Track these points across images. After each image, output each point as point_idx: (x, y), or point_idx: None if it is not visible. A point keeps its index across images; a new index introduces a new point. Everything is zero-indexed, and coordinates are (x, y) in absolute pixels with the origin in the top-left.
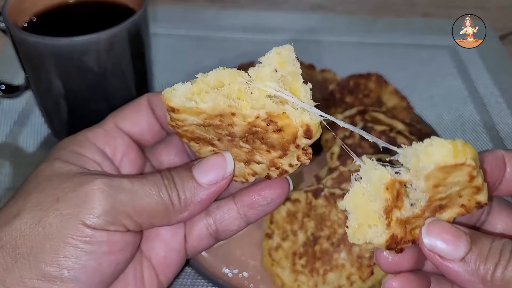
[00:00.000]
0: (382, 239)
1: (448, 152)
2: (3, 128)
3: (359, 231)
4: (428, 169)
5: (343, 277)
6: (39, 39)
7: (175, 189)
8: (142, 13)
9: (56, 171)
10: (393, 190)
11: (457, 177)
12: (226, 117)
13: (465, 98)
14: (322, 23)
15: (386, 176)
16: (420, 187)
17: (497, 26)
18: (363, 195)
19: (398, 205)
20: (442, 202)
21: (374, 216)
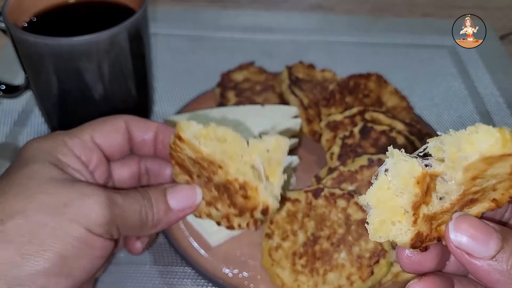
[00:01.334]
0: (407, 237)
1: (496, 141)
2: (3, 128)
3: (382, 228)
4: (471, 159)
5: (343, 277)
6: (39, 39)
7: (151, 210)
8: (142, 13)
9: (54, 176)
10: (424, 184)
11: (498, 168)
12: (213, 165)
13: (465, 98)
14: (321, 23)
15: (417, 169)
16: (458, 179)
17: (497, 26)
18: (389, 189)
19: (426, 200)
20: (475, 196)
21: (399, 212)
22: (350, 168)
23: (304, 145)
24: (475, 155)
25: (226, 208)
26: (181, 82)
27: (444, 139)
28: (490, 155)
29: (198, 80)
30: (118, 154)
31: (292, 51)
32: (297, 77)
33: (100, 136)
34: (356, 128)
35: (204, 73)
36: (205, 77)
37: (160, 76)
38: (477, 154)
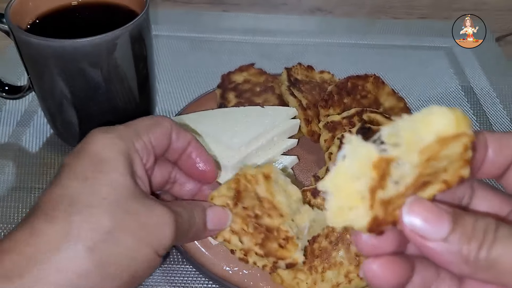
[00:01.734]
0: (364, 221)
1: (450, 122)
2: (6, 129)
3: (340, 213)
4: (427, 141)
5: (341, 274)
6: (42, 41)
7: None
8: (144, 16)
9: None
10: (380, 169)
11: (452, 149)
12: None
13: (462, 98)
14: (320, 25)
15: (374, 153)
16: (414, 162)
17: (493, 28)
18: (346, 175)
19: (382, 185)
20: (428, 178)
21: (356, 198)
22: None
23: (303, 145)
24: (431, 136)
25: (251, 245)
26: (182, 83)
27: (399, 123)
28: (445, 136)
29: (199, 81)
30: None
31: (291, 53)
32: (296, 79)
33: (155, 139)
34: (354, 128)
35: (205, 75)
36: (205, 78)
37: (161, 77)
38: (433, 135)
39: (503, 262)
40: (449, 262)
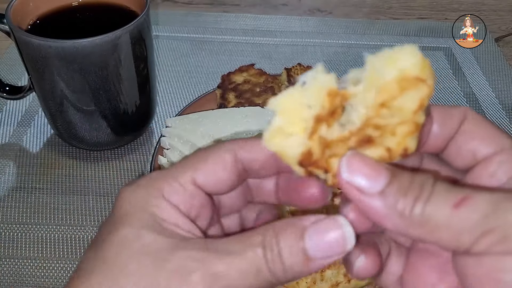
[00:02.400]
0: (297, 151)
1: (416, 62)
2: (7, 129)
3: (277, 136)
4: (389, 76)
5: (340, 274)
6: (43, 41)
7: (280, 263)
8: (144, 16)
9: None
10: (333, 100)
11: (407, 100)
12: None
13: (461, 99)
14: (319, 26)
15: (332, 83)
16: (369, 101)
17: (492, 28)
18: (298, 100)
19: (329, 121)
20: (374, 133)
21: (299, 125)
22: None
23: None
24: (393, 72)
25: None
26: (182, 84)
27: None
28: (407, 76)
29: (199, 82)
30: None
31: (291, 54)
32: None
33: (202, 175)
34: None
35: (205, 75)
36: (206, 78)
37: (161, 77)
38: (395, 71)
39: (437, 218)
40: (384, 216)
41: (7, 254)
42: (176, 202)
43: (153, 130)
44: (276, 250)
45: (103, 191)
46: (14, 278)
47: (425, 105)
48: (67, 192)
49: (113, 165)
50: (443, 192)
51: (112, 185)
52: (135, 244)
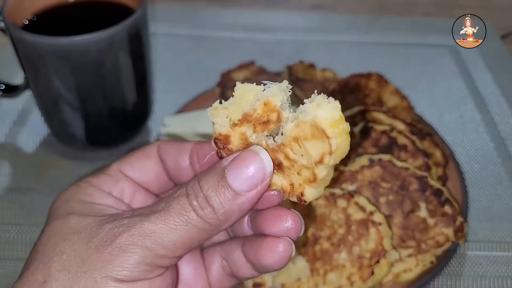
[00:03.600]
0: (220, 129)
1: (331, 118)
2: (2, 128)
3: (220, 111)
4: (306, 117)
5: (343, 277)
6: (39, 39)
7: (209, 206)
8: (141, 13)
9: (73, 227)
10: (268, 113)
11: (314, 148)
12: None
13: (466, 97)
14: (322, 22)
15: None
16: (287, 129)
17: (498, 25)
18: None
19: (257, 127)
20: (285, 162)
21: (237, 112)
22: (350, 168)
23: None
24: (311, 115)
25: None
26: (181, 82)
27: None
28: (317, 124)
29: (198, 80)
30: (156, 185)
31: (292, 51)
32: (298, 77)
33: (128, 166)
34: (356, 128)
35: (204, 73)
36: (205, 76)
37: (159, 75)
38: (312, 116)
39: None
40: None
41: (2, 256)
42: (107, 189)
43: (150, 129)
44: (201, 195)
45: None
46: (9, 280)
47: (327, 163)
48: None
49: None
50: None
51: None
52: (63, 228)
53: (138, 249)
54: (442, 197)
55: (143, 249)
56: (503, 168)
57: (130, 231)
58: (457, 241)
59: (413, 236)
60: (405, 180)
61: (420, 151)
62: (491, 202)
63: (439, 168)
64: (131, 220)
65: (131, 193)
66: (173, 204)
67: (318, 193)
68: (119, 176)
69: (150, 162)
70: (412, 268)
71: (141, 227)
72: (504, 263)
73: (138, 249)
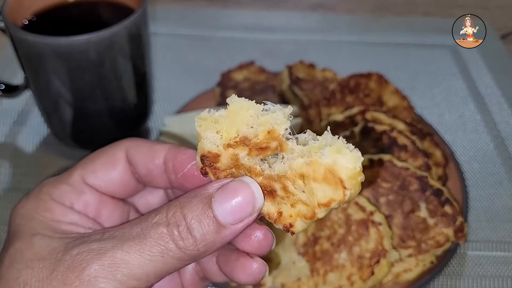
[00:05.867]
0: (211, 147)
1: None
2: (2, 128)
3: (209, 123)
4: (325, 159)
5: (343, 277)
6: (39, 39)
7: (191, 237)
8: (141, 13)
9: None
10: (269, 140)
11: (321, 191)
12: None
13: (466, 97)
14: (322, 22)
15: (283, 125)
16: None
17: (498, 25)
18: (251, 116)
19: (252, 152)
20: (280, 192)
21: (231, 131)
22: None
23: None
24: (329, 160)
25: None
26: (181, 82)
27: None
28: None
29: (198, 80)
30: (124, 189)
31: (292, 51)
32: (298, 77)
33: (93, 175)
34: (356, 128)
35: (204, 73)
36: (205, 76)
37: (159, 75)
38: (331, 162)
39: None
40: None
41: None
42: (69, 202)
43: (150, 129)
44: (184, 224)
45: None
46: None
47: (331, 207)
48: None
49: None
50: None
51: None
52: (26, 253)
53: (109, 284)
54: (442, 197)
55: (114, 282)
56: (503, 168)
57: (100, 260)
58: (457, 241)
59: (413, 236)
60: (405, 180)
61: (420, 151)
62: (491, 202)
63: (439, 168)
64: (102, 246)
65: (96, 205)
66: (151, 232)
67: (307, 225)
68: (82, 187)
69: (116, 171)
70: (412, 268)
71: (113, 256)
72: (504, 263)
73: (109, 284)
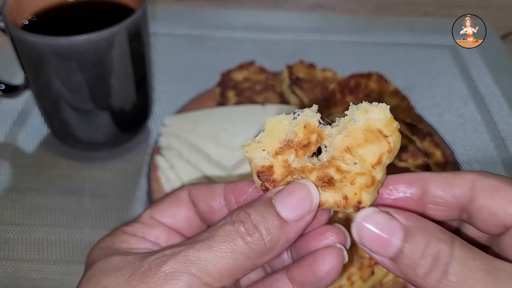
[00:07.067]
0: (261, 162)
1: (384, 118)
2: (2, 128)
3: (254, 146)
4: (358, 122)
5: (343, 277)
6: (39, 39)
7: (257, 231)
8: (141, 13)
9: (115, 266)
10: (308, 134)
11: (369, 152)
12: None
13: (466, 97)
14: (322, 22)
15: (314, 118)
16: (336, 142)
17: (498, 25)
18: (284, 126)
19: (299, 152)
20: (336, 175)
21: (273, 144)
22: None
23: None
24: (363, 120)
25: None
26: (181, 82)
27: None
28: (373, 126)
29: (198, 80)
30: (188, 230)
31: (292, 51)
32: (298, 77)
33: (159, 213)
34: None
35: (204, 73)
36: (205, 76)
37: (159, 75)
38: (364, 120)
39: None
40: (394, 273)
41: (2, 256)
42: (141, 234)
43: (150, 129)
44: (249, 221)
45: (99, 191)
46: (9, 280)
47: (384, 162)
48: (63, 193)
49: (109, 165)
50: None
51: (109, 186)
52: (105, 267)
53: (184, 276)
54: None
55: (189, 275)
56: (503, 168)
57: (175, 259)
58: None
59: None
60: None
61: (420, 151)
62: None
63: (439, 168)
64: (175, 250)
65: (166, 238)
66: (218, 232)
67: (373, 197)
68: (152, 222)
69: (181, 208)
70: None
71: (186, 254)
72: None
73: (184, 276)
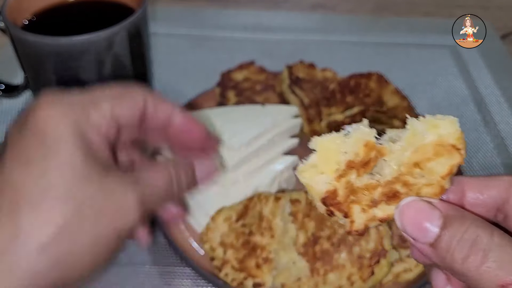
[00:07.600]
0: (323, 188)
1: (455, 132)
2: (2, 128)
3: (310, 170)
4: (428, 139)
5: (343, 277)
6: (39, 39)
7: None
8: (141, 13)
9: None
10: (368, 152)
11: (439, 164)
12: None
13: (466, 97)
14: (322, 22)
15: (371, 134)
16: (403, 158)
17: (498, 25)
18: (338, 145)
19: (359, 170)
20: (401, 189)
21: (331, 166)
22: None
23: (305, 145)
24: (433, 137)
25: (232, 258)
26: (181, 82)
27: (413, 120)
28: (445, 141)
29: (198, 80)
30: (128, 134)
31: (292, 51)
32: (298, 77)
33: (120, 110)
34: None
35: (204, 73)
36: (205, 76)
37: (159, 75)
38: (435, 136)
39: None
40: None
41: None
42: (100, 127)
43: None
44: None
45: None
46: None
47: (454, 172)
48: None
49: None
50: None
51: None
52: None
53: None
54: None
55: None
56: (503, 168)
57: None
58: None
59: None
60: None
61: None
62: None
63: None
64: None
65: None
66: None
67: None
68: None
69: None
70: (412, 268)
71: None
72: None
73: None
